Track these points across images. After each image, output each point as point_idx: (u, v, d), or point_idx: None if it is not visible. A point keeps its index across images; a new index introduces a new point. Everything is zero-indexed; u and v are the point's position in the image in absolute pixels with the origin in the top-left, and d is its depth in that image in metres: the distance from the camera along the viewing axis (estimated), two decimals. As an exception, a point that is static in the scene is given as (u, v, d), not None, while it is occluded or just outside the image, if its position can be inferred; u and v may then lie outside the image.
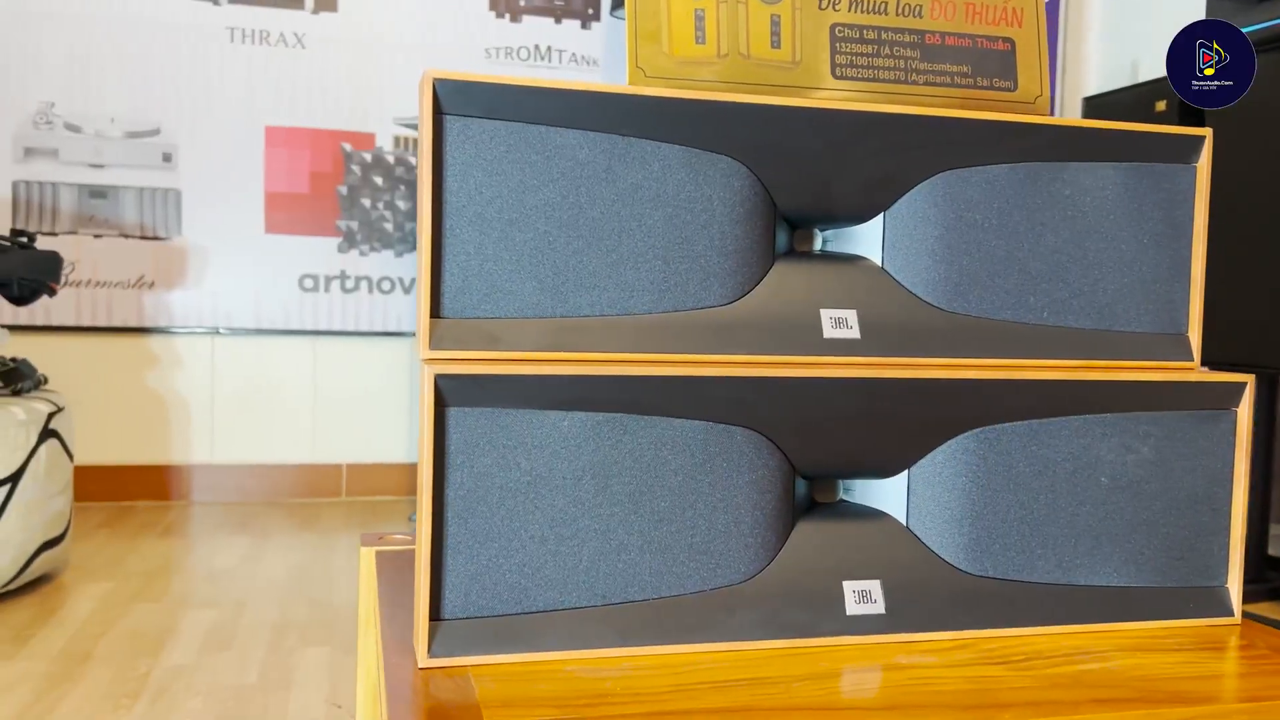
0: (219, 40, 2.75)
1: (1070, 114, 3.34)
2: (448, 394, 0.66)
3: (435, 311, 0.69)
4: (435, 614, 0.66)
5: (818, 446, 0.74)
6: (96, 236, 2.70)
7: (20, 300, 1.96)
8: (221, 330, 2.78)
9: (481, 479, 0.67)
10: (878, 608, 0.74)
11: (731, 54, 0.75)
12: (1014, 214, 0.80)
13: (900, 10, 0.78)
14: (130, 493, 2.76)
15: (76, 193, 2.68)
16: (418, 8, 2.87)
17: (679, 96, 0.71)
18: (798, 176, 0.76)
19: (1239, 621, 0.80)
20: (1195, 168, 0.83)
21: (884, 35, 0.78)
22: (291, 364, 2.82)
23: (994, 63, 0.80)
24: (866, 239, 0.81)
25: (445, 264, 0.70)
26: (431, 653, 0.66)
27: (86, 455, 2.72)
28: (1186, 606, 0.80)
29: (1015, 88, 0.80)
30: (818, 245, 0.83)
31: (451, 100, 0.69)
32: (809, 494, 0.79)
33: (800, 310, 0.77)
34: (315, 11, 2.80)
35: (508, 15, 2.93)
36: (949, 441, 0.76)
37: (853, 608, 0.74)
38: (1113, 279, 0.82)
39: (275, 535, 2.49)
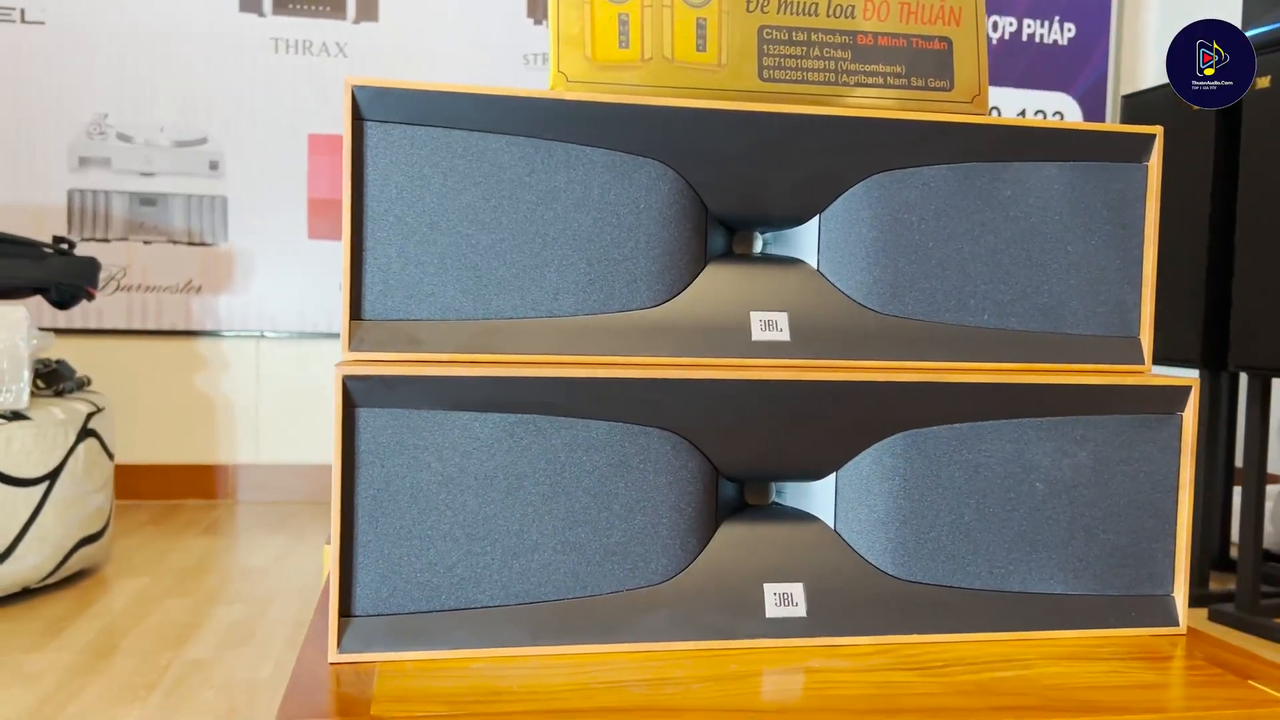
0: (264, 51, 2.82)
1: (1112, 113, 3.26)
2: (357, 395, 0.67)
3: (356, 314, 0.71)
4: (346, 610, 0.68)
5: (740, 449, 0.74)
6: (146, 243, 2.78)
7: (61, 305, 2.04)
8: (266, 333, 2.85)
9: (392, 479, 0.68)
10: (799, 611, 0.74)
11: (655, 58, 0.75)
12: (953, 215, 0.79)
13: (832, 11, 0.77)
14: (178, 491, 2.84)
15: (128, 200, 2.77)
16: (456, 16, 2.91)
17: (600, 100, 0.72)
18: (727, 179, 0.76)
19: (1184, 632, 0.78)
20: (1146, 166, 0.81)
21: (814, 37, 0.77)
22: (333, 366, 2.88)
23: (929, 62, 0.79)
24: (806, 242, 0.80)
25: (366, 267, 0.71)
26: (341, 648, 0.67)
27: (137, 455, 2.81)
28: (1128, 616, 0.78)
29: (952, 87, 0.79)
30: (758, 248, 0.83)
31: (371, 107, 0.71)
32: (739, 496, 0.79)
33: (730, 313, 0.77)
34: (357, 21, 2.86)
35: (545, 21, 2.96)
36: (875, 445, 0.75)
37: (773, 610, 0.73)
38: (1059, 280, 0.81)
39: (311, 534, 2.54)
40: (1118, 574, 0.78)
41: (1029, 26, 3.33)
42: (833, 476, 0.76)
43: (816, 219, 0.79)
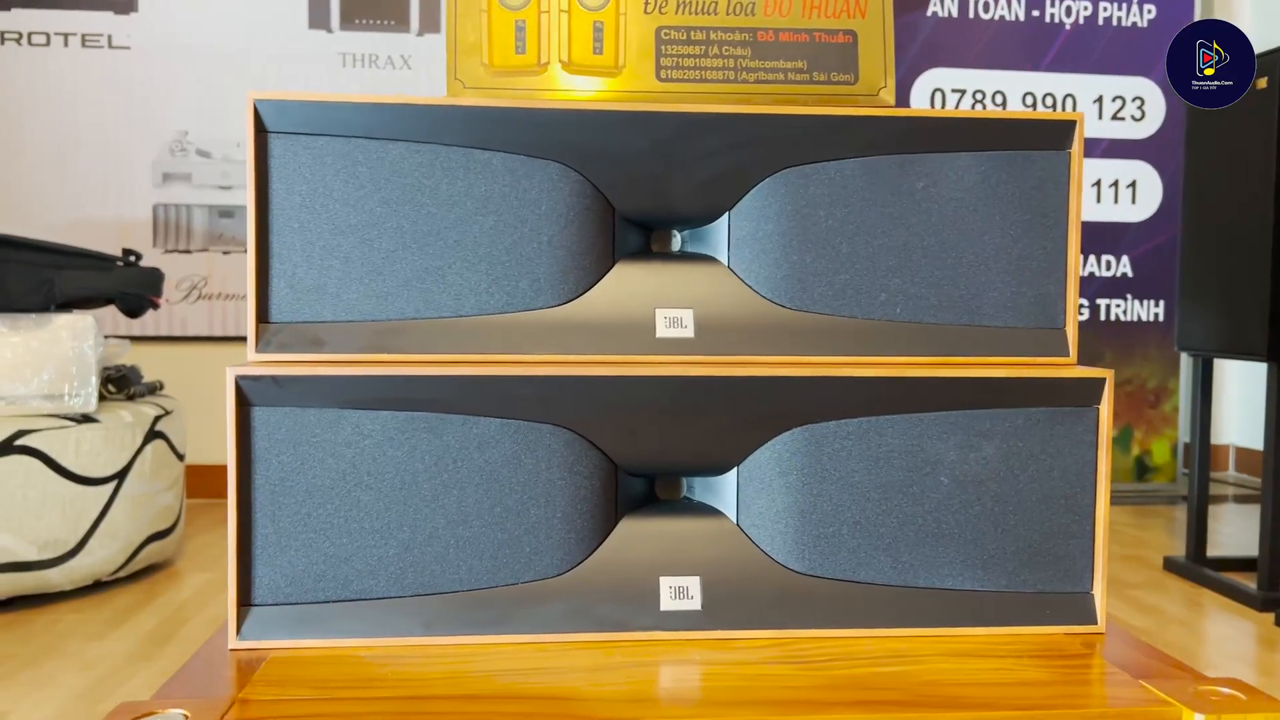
0: (332, 65, 2.92)
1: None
2: (251, 395, 0.71)
3: (263, 317, 0.75)
4: (246, 600, 0.72)
5: (638, 444, 0.75)
6: (225, 253, 2.91)
7: (130, 313, 2.15)
8: (338, 338, 2.95)
9: (288, 475, 0.71)
10: (694, 604, 0.74)
11: (551, 62, 0.77)
12: (861, 209, 0.78)
13: (731, 9, 0.78)
14: (257, 490, 2.97)
15: (207, 213, 2.91)
16: (515, 23, 2.96)
17: (493, 105, 0.74)
18: (631, 180, 0.78)
19: (1102, 630, 0.76)
20: (1068, 154, 0.80)
21: (713, 35, 0.78)
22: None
23: (832, 57, 0.79)
24: (719, 239, 0.81)
25: (273, 272, 0.75)
26: (240, 635, 0.71)
27: (216, 455, 2.94)
28: (1043, 613, 0.76)
29: (856, 80, 0.79)
30: (676, 246, 0.84)
31: (273, 119, 0.74)
32: (649, 491, 0.80)
33: (636, 310, 0.78)
34: (420, 34, 2.94)
35: (603, 25, 2.99)
36: (774, 440, 0.76)
37: (668, 603, 0.74)
38: (976, 272, 0.79)
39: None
40: (1032, 570, 0.77)
41: (1105, 9, 3.22)
42: (735, 471, 0.77)
43: (726, 216, 0.80)
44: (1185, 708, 0.61)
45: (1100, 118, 3.25)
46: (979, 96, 3.17)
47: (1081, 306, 3.25)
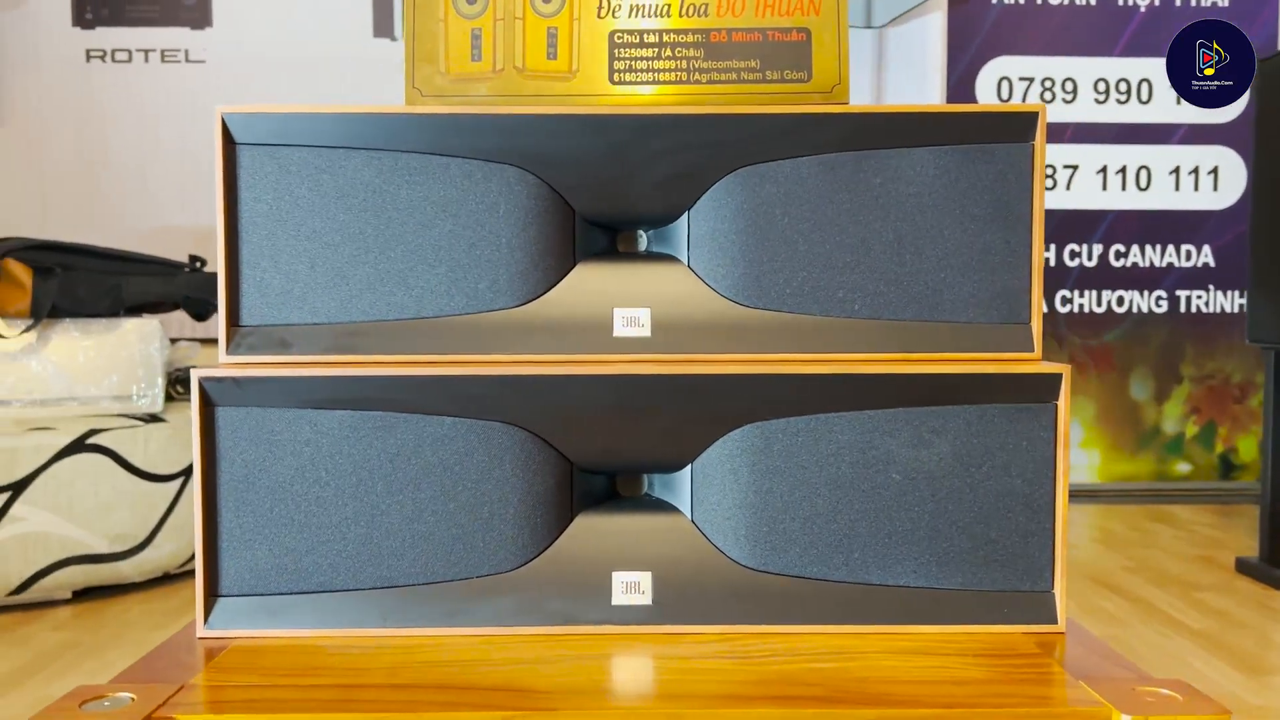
0: (396, 71, 2.99)
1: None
2: (214, 395, 0.74)
3: (234, 321, 0.78)
4: (213, 590, 0.75)
5: (591, 442, 0.77)
6: (297, 257, 3.01)
7: (197, 317, 2.25)
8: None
9: (251, 472, 0.75)
10: (645, 599, 0.75)
11: (506, 68, 0.79)
12: (818, 207, 0.78)
13: (684, 11, 0.78)
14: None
15: (279, 219, 3.00)
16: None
17: (448, 112, 0.76)
18: (588, 182, 0.79)
19: (1062, 630, 0.75)
20: (1030, 146, 0.78)
21: (665, 38, 0.79)
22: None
23: (785, 55, 0.79)
24: (680, 238, 0.82)
25: (243, 278, 0.78)
26: (208, 624, 0.75)
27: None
28: (1000, 612, 0.75)
29: (809, 78, 0.79)
30: (641, 246, 0.85)
31: (241, 130, 0.77)
32: (610, 488, 0.81)
33: (594, 310, 0.79)
34: (480, 38, 2.99)
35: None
36: (725, 437, 0.76)
37: (619, 598, 0.76)
38: (938, 269, 0.79)
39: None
40: (990, 569, 0.76)
41: (1182, -10, 3.11)
42: (690, 468, 0.78)
43: (685, 216, 0.81)
44: (1114, 708, 0.60)
45: (1179, 103, 3.14)
46: (1048, 84, 3.09)
47: (1160, 298, 3.15)
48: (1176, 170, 3.14)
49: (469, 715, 0.61)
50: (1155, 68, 3.10)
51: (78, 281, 2.03)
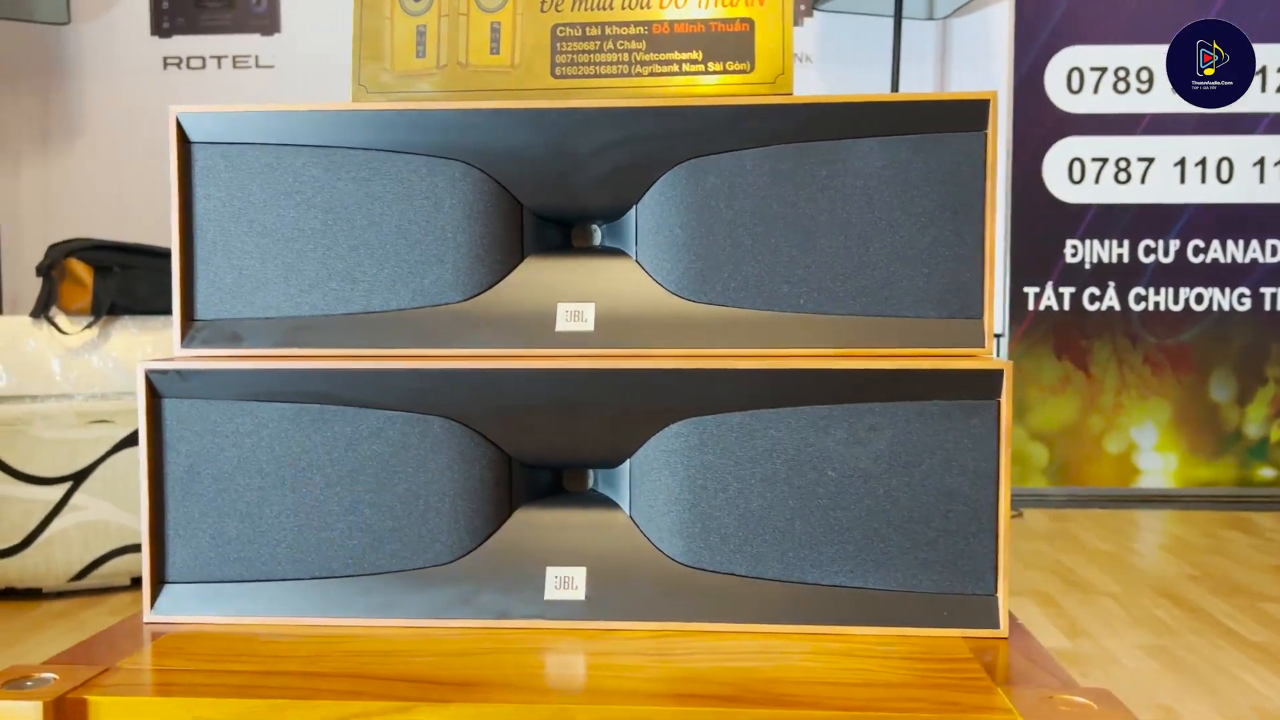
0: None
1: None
2: (160, 387, 0.76)
3: (189, 315, 0.80)
4: (160, 577, 0.77)
5: (527, 437, 0.77)
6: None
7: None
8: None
9: (195, 462, 0.77)
10: (577, 594, 0.75)
11: (450, 64, 0.79)
12: (763, 199, 0.77)
13: (627, 4, 0.78)
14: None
15: (344, 219, 3.07)
16: (631, 24, 3.00)
17: (390, 108, 0.77)
18: (534, 176, 0.79)
19: (1004, 635, 0.72)
20: (982, 135, 0.76)
21: (608, 31, 0.78)
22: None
23: (728, 46, 0.77)
24: (630, 233, 0.81)
25: (197, 273, 0.80)
26: (154, 610, 0.77)
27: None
28: (940, 615, 0.73)
29: (752, 69, 0.78)
30: (596, 240, 0.84)
31: (195, 130, 0.80)
32: (555, 483, 0.81)
33: (539, 305, 0.80)
34: (539, 38, 3.01)
35: (719, 21, 2.99)
36: (661, 433, 0.75)
37: (551, 593, 0.75)
38: (886, 262, 0.77)
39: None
40: (929, 571, 0.74)
41: (1266, -28, 2.97)
42: (628, 464, 0.77)
43: (633, 210, 0.80)
44: (1021, 716, 0.58)
45: (1264, 90, 3.00)
46: (1121, 74, 2.99)
47: (1242, 296, 3.02)
48: (1261, 161, 3.00)
49: (363, 705, 0.61)
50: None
51: (137, 280, 2.10)
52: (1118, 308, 3.05)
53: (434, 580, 0.76)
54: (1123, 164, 3.01)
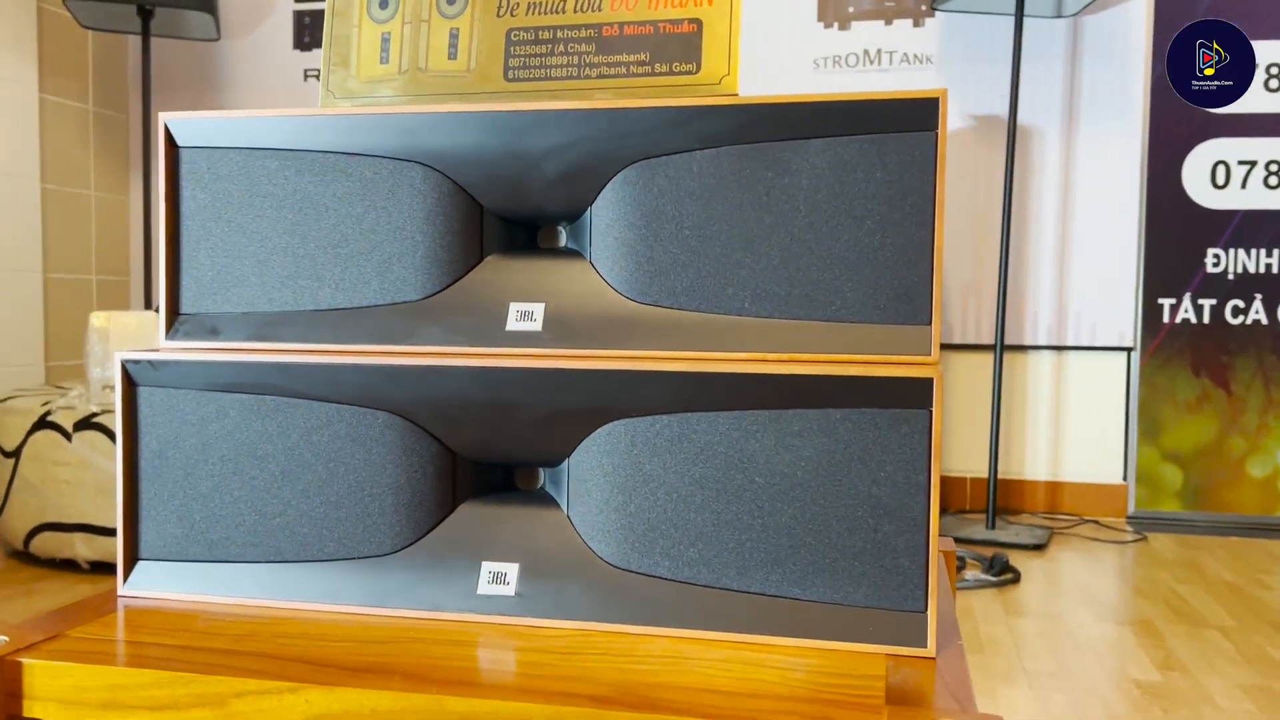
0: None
1: None
2: (135, 376, 0.82)
3: (174, 309, 0.85)
4: (132, 554, 0.82)
5: (466, 433, 0.78)
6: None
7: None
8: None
9: (165, 447, 0.81)
10: (508, 590, 0.76)
11: (410, 69, 0.81)
12: (707, 202, 0.77)
13: (579, 7, 0.78)
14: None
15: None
16: (746, 27, 2.99)
17: (352, 114, 0.80)
18: (488, 177, 0.81)
19: (932, 654, 0.69)
20: (930, 136, 0.73)
21: (559, 34, 0.79)
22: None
23: (675, 47, 0.77)
24: (586, 234, 0.82)
25: (182, 269, 0.85)
26: (127, 584, 0.82)
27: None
28: (865, 630, 0.71)
29: (698, 70, 0.77)
30: (562, 242, 0.85)
31: (182, 135, 0.85)
32: (507, 480, 0.82)
33: (493, 304, 0.81)
34: (655, 45, 3.04)
35: (836, 24, 2.94)
36: (595, 433, 0.76)
37: (484, 588, 0.77)
38: (830, 266, 0.75)
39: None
40: (857, 584, 0.71)
41: None
42: (566, 464, 0.78)
43: (588, 211, 0.81)
44: (887, 738, 0.56)
45: None
46: (1274, 71, 2.79)
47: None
48: None
49: (256, 683, 0.64)
50: (1407, 48, 2.72)
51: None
52: (1265, 321, 2.85)
53: (376, 569, 0.79)
54: (1274, 168, 2.80)
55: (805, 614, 0.72)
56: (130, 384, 0.82)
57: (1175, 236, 2.88)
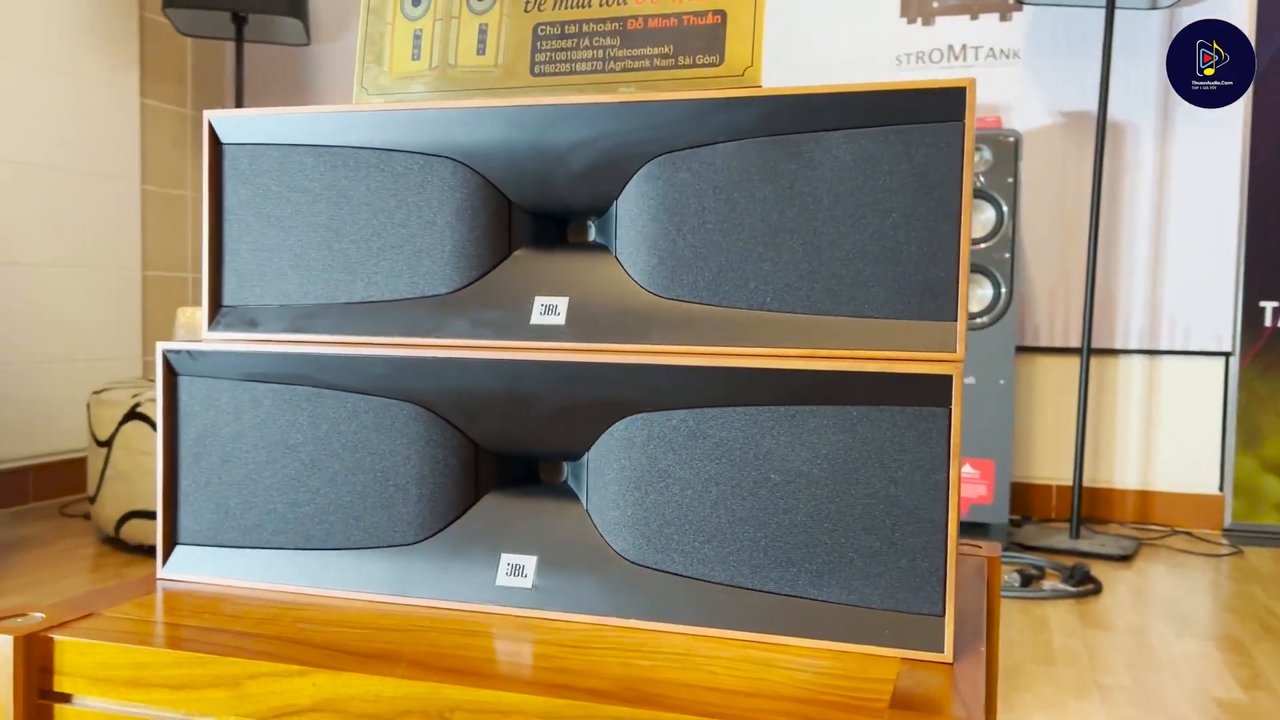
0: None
1: None
2: (176, 366, 0.84)
3: (216, 301, 0.88)
4: (171, 538, 0.85)
5: (488, 425, 0.79)
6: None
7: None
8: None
9: (203, 435, 0.84)
10: (525, 583, 0.76)
11: (440, 65, 0.82)
12: (731, 195, 0.76)
13: (604, 1, 0.78)
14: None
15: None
16: (828, 24, 2.95)
17: (384, 110, 0.81)
18: (516, 172, 0.81)
19: (949, 659, 0.67)
20: (958, 125, 0.71)
21: (585, 28, 0.79)
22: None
23: (699, 39, 0.76)
24: (612, 228, 0.82)
25: (224, 263, 0.88)
26: (166, 567, 0.84)
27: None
28: (881, 634, 0.69)
29: (721, 61, 0.76)
30: (591, 236, 0.85)
31: (225, 131, 0.87)
32: (531, 473, 0.82)
33: (519, 298, 0.82)
34: (735, 43, 3.02)
35: (920, 19, 2.89)
36: (613, 427, 0.75)
37: (503, 579, 0.77)
38: (853, 261, 0.73)
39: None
40: (873, 586, 0.69)
41: None
42: (586, 457, 0.78)
43: (614, 205, 0.81)
44: (881, 743, 0.54)
45: None
46: (1387, 63, 2.65)
47: None
48: None
49: (269, 665, 0.65)
50: None
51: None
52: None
53: (399, 559, 0.80)
54: (1386, 164, 2.66)
55: (820, 615, 0.70)
56: (171, 374, 0.85)
57: (1278, 236, 2.76)
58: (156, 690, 0.68)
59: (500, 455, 0.81)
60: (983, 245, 2.49)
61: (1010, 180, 2.45)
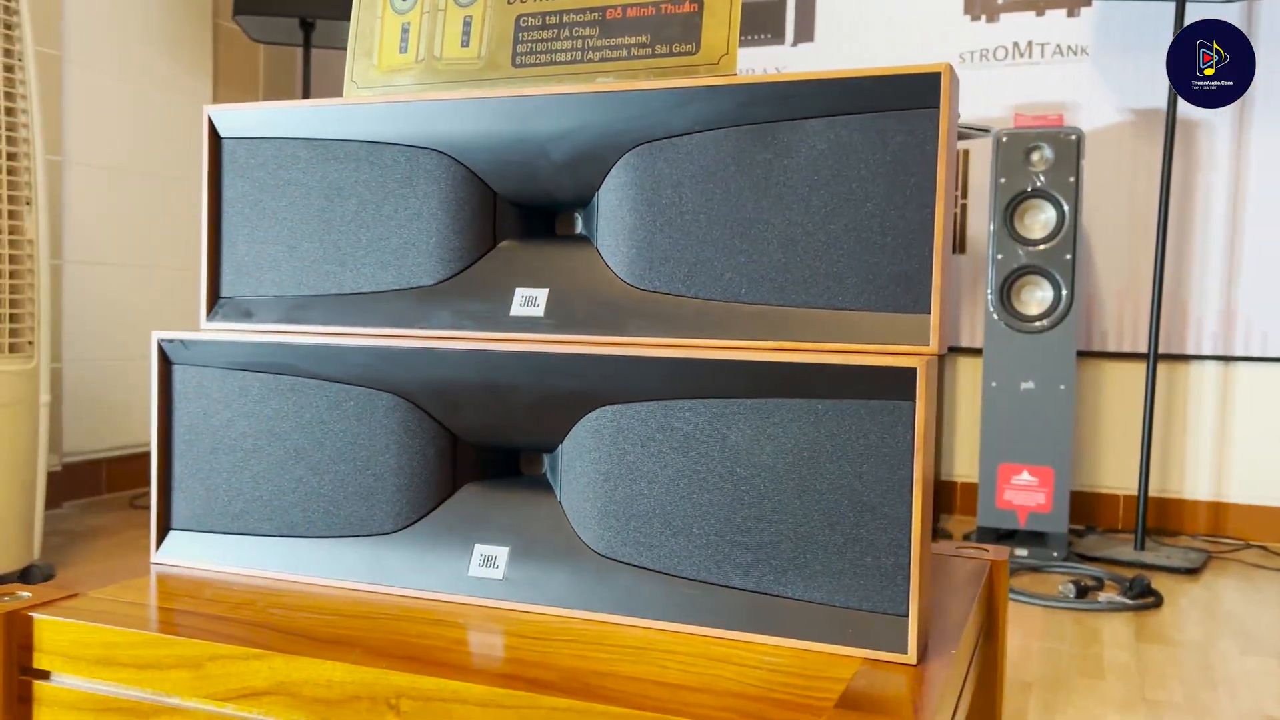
0: (714, 82, 3.07)
1: None
2: (170, 354, 0.86)
3: (214, 292, 0.90)
4: (165, 524, 0.87)
5: (465, 416, 0.79)
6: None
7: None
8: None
9: (195, 423, 0.85)
10: (497, 574, 0.76)
11: (426, 58, 0.83)
12: (706, 185, 0.75)
13: (585, -10, 0.78)
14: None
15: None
16: (890, 25, 2.91)
17: (370, 103, 0.82)
18: (499, 164, 0.81)
19: (913, 661, 0.65)
20: (933, 113, 0.69)
21: (565, 19, 0.78)
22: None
23: (675, 28, 0.75)
24: (594, 219, 0.82)
25: (222, 255, 0.89)
26: (159, 552, 0.86)
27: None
28: (844, 633, 0.67)
29: (697, 50, 0.75)
30: (577, 228, 0.85)
31: (224, 126, 0.89)
32: (512, 464, 0.82)
33: (500, 289, 0.82)
34: (794, 44, 2.99)
35: (984, 16, 2.83)
36: (583, 419, 0.75)
37: (475, 570, 0.77)
38: (827, 251, 0.72)
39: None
40: (836, 583, 0.68)
41: None
42: (560, 449, 0.77)
43: (596, 196, 0.80)
44: (812, 742, 0.53)
45: None
46: None
47: None
48: None
49: (229, 648, 0.66)
50: None
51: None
52: None
53: (378, 547, 0.80)
54: None
55: (785, 612, 0.69)
56: (165, 362, 0.86)
57: (1362, 238, 2.63)
58: (124, 669, 0.69)
59: (480, 447, 0.81)
60: (1042, 246, 2.42)
61: (1072, 180, 2.38)
